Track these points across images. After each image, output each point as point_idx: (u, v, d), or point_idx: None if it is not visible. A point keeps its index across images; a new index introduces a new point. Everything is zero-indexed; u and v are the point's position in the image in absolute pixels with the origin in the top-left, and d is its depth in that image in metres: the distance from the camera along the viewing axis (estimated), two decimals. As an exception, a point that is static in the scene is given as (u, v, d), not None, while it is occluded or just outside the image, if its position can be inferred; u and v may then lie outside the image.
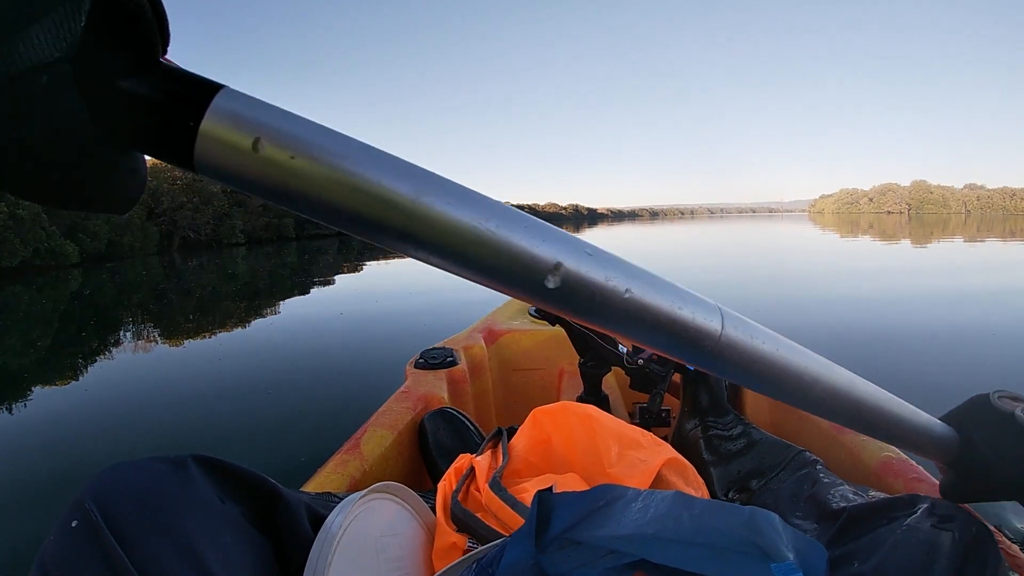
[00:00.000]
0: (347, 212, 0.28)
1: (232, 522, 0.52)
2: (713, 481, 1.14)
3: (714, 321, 0.37)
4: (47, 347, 7.07)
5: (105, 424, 3.85)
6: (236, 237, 49.80)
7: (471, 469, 0.90)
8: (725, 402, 1.44)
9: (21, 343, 7.25)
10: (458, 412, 1.39)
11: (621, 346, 1.58)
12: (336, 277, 13.57)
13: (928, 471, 1.03)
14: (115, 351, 6.51)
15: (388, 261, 17.70)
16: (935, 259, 15.05)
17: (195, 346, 6.38)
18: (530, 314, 2.37)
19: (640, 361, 1.52)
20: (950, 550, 0.57)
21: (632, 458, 0.87)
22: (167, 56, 0.28)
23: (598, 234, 41.24)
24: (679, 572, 0.42)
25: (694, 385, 1.48)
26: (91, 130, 0.26)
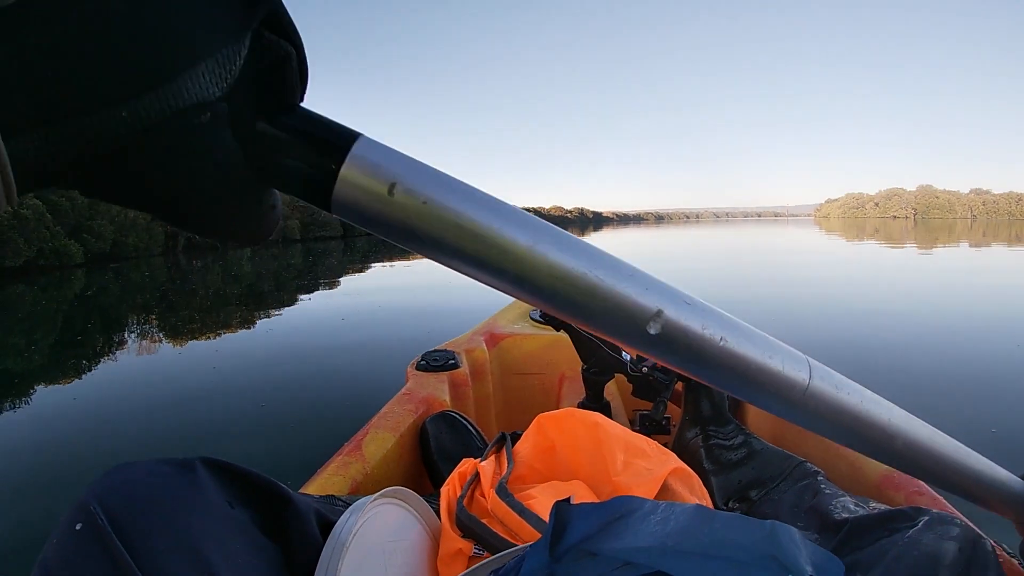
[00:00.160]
0: (472, 258, 0.30)
1: (241, 527, 0.50)
2: (713, 490, 1.14)
3: (802, 372, 0.38)
4: (50, 347, 7.08)
5: (107, 425, 3.83)
6: (242, 238, 50.07)
7: (476, 474, 0.89)
8: (726, 411, 1.45)
9: (24, 343, 7.24)
10: (460, 416, 1.38)
11: (625, 353, 1.58)
12: (340, 279, 13.64)
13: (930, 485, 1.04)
14: (117, 352, 6.52)
15: (392, 263, 17.72)
16: (942, 264, 14.94)
17: (197, 348, 6.37)
18: (531, 318, 2.37)
19: (644, 369, 1.52)
20: (951, 563, 0.57)
21: (638, 467, 0.87)
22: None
23: (604, 237, 41.29)
24: None
25: (696, 394, 1.49)
26: (241, 167, 0.28)
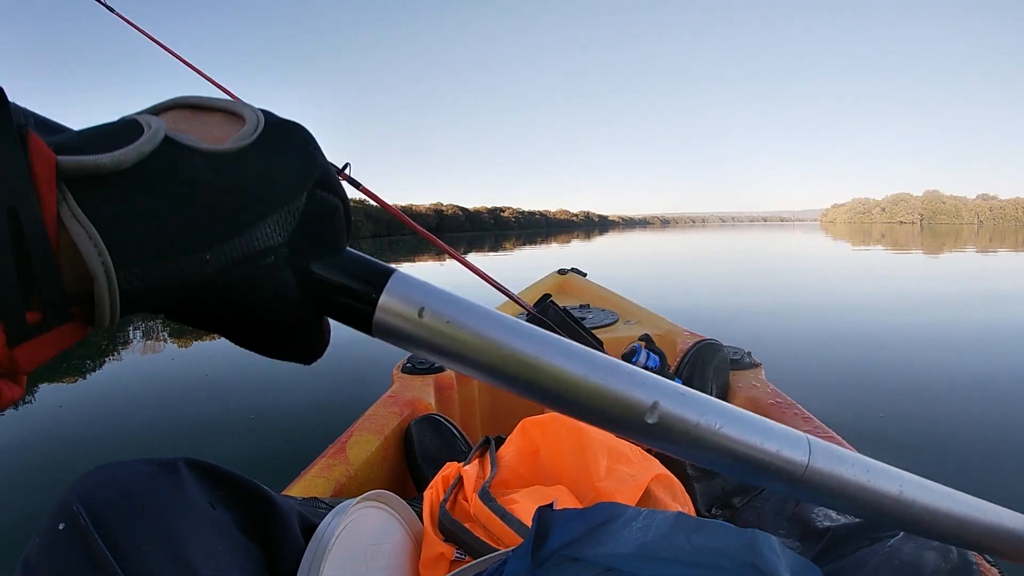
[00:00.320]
0: (491, 368, 0.35)
1: (223, 528, 0.50)
2: (696, 497, 1.14)
3: (800, 453, 0.40)
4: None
5: (95, 426, 3.79)
6: (247, 239, 50.64)
7: (459, 478, 0.89)
8: None
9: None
10: (445, 419, 1.39)
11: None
12: None
13: None
14: (116, 352, 6.51)
15: (397, 266, 17.72)
16: (949, 269, 14.81)
17: (182, 350, 6.32)
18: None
19: None
20: (932, 572, 0.57)
21: (621, 473, 0.87)
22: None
23: (610, 241, 41.32)
24: None
25: None
26: (298, 300, 0.33)
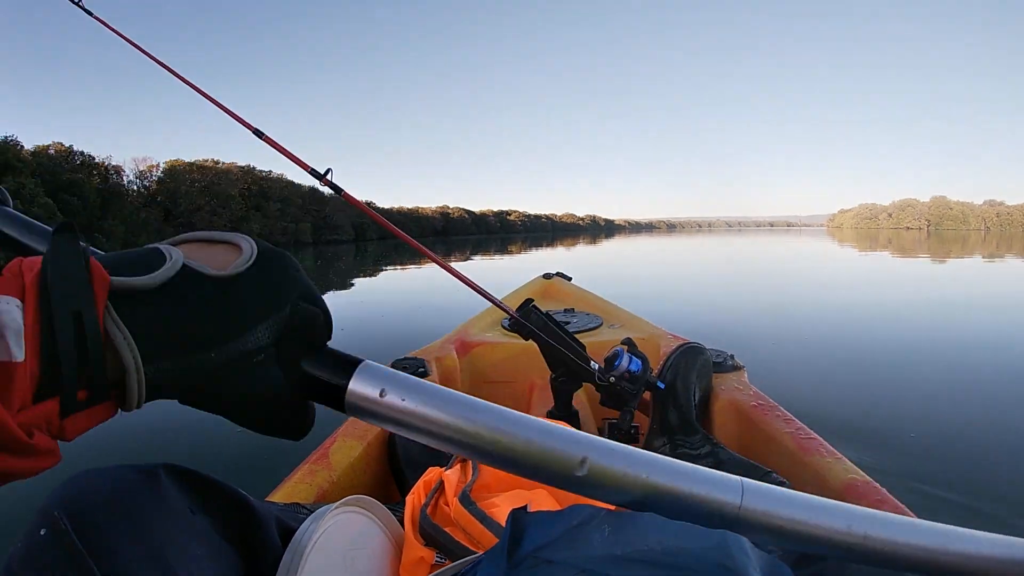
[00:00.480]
0: (443, 437, 0.43)
1: (203, 534, 0.50)
2: None
3: (733, 495, 0.44)
4: None
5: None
6: (253, 240, 50.35)
7: (440, 483, 0.89)
8: (694, 421, 1.49)
9: None
10: None
11: (593, 362, 1.58)
12: (337, 285, 13.48)
13: (892, 494, 1.06)
14: None
15: (404, 268, 17.64)
16: (956, 275, 14.74)
17: None
18: (503, 326, 2.36)
19: (612, 378, 1.52)
20: None
21: None
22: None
23: (615, 245, 41.23)
24: None
25: (663, 404, 1.53)
26: (285, 389, 0.42)
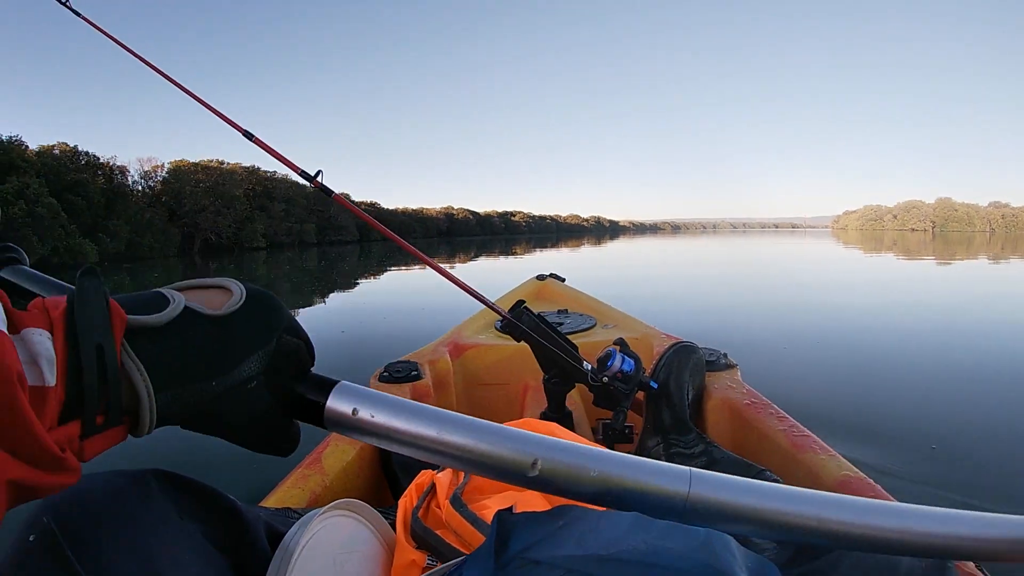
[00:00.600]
0: (410, 445, 0.49)
1: (191, 539, 0.51)
2: None
3: (681, 484, 0.48)
4: None
5: None
6: (257, 241, 50.35)
7: (432, 485, 0.89)
8: (687, 420, 1.49)
9: None
10: None
11: (586, 363, 1.59)
12: (335, 289, 13.44)
13: (886, 490, 1.06)
14: None
15: (409, 268, 17.63)
16: (964, 276, 14.68)
17: None
18: (496, 328, 2.36)
19: (605, 379, 1.53)
20: (907, 571, 0.57)
21: None
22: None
23: (620, 246, 41.19)
24: None
25: (657, 403, 1.53)
26: (274, 411, 0.49)
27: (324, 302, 10.72)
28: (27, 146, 31.39)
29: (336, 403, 0.49)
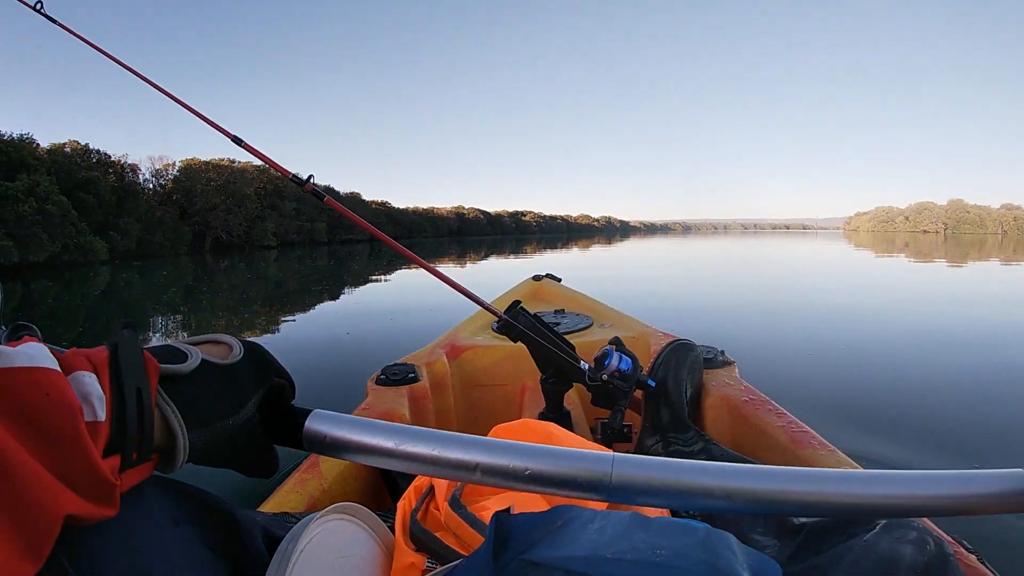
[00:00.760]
0: (365, 455, 0.55)
1: (187, 545, 0.51)
2: None
3: (604, 466, 0.51)
4: (71, 341, 6.98)
5: None
6: (268, 239, 50.48)
7: (430, 488, 0.89)
8: (686, 418, 1.49)
9: (46, 337, 7.17)
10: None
11: (583, 362, 1.59)
12: (344, 288, 13.42)
13: None
14: None
15: (417, 268, 17.64)
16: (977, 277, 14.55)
17: None
18: (493, 329, 2.37)
19: (604, 377, 1.52)
20: (909, 565, 0.57)
21: None
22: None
23: (630, 246, 41.27)
24: None
25: (655, 401, 1.53)
26: (266, 439, 0.58)
27: (328, 303, 10.71)
28: (38, 144, 31.56)
29: (312, 428, 0.57)
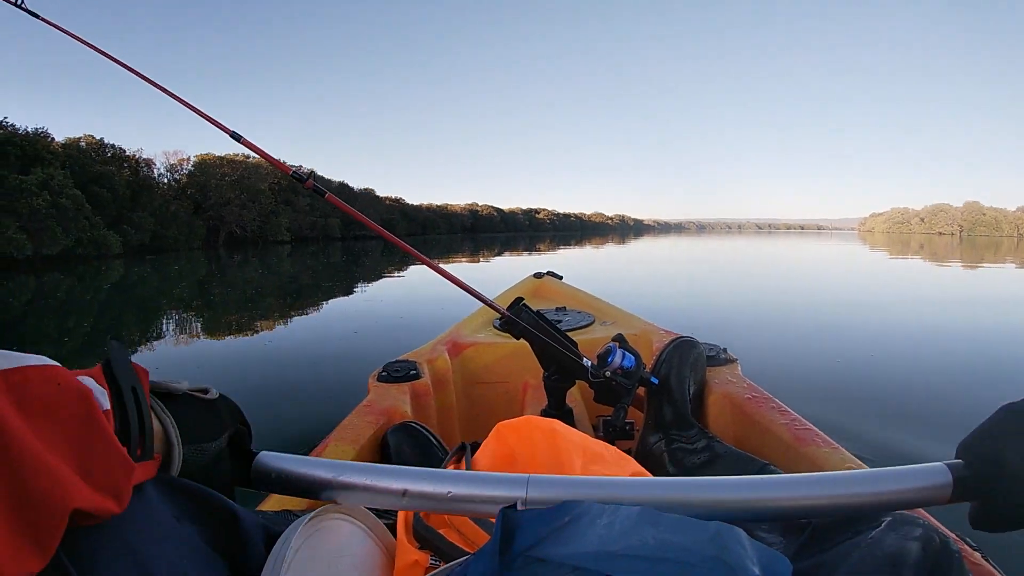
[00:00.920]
0: (306, 490, 0.63)
1: (188, 543, 0.51)
2: None
3: (519, 489, 0.56)
4: (84, 335, 7.21)
5: None
6: (282, 235, 50.71)
7: None
8: (689, 416, 1.48)
9: (57, 330, 7.41)
10: (421, 426, 1.40)
11: (585, 359, 1.58)
12: (353, 287, 13.40)
13: None
14: (152, 343, 6.60)
15: (424, 267, 17.56)
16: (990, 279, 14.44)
17: (178, 351, 6.22)
18: (495, 326, 2.39)
19: (607, 374, 1.50)
20: (915, 563, 0.56)
21: (596, 472, 0.86)
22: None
23: (642, 245, 41.23)
24: None
25: (658, 399, 1.52)
26: (229, 469, 0.64)
27: (338, 299, 10.66)
28: (53, 138, 31.71)
29: (260, 465, 0.65)
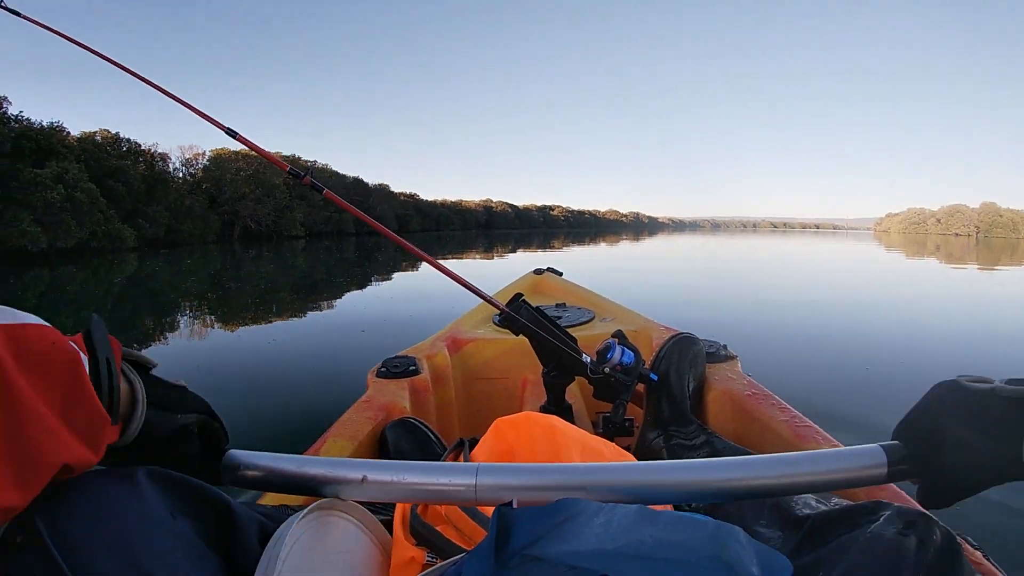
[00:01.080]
0: (276, 485, 0.65)
1: (183, 538, 0.51)
2: None
3: (469, 476, 0.59)
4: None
5: None
6: (296, 230, 50.78)
7: None
8: (688, 412, 1.48)
9: (71, 323, 7.41)
10: (420, 422, 1.40)
11: (585, 355, 1.57)
12: (361, 285, 13.33)
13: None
14: (167, 335, 6.71)
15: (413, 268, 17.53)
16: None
17: (178, 347, 6.19)
18: (494, 322, 2.37)
19: (606, 370, 1.50)
20: (915, 557, 0.56)
21: None
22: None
23: (656, 243, 41.09)
24: None
25: (657, 395, 1.52)
26: (199, 452, 0.65)
27: (340, 299, 10.58)
28: (68, 132, 31.82)
29: (228, 463, 0.65)
